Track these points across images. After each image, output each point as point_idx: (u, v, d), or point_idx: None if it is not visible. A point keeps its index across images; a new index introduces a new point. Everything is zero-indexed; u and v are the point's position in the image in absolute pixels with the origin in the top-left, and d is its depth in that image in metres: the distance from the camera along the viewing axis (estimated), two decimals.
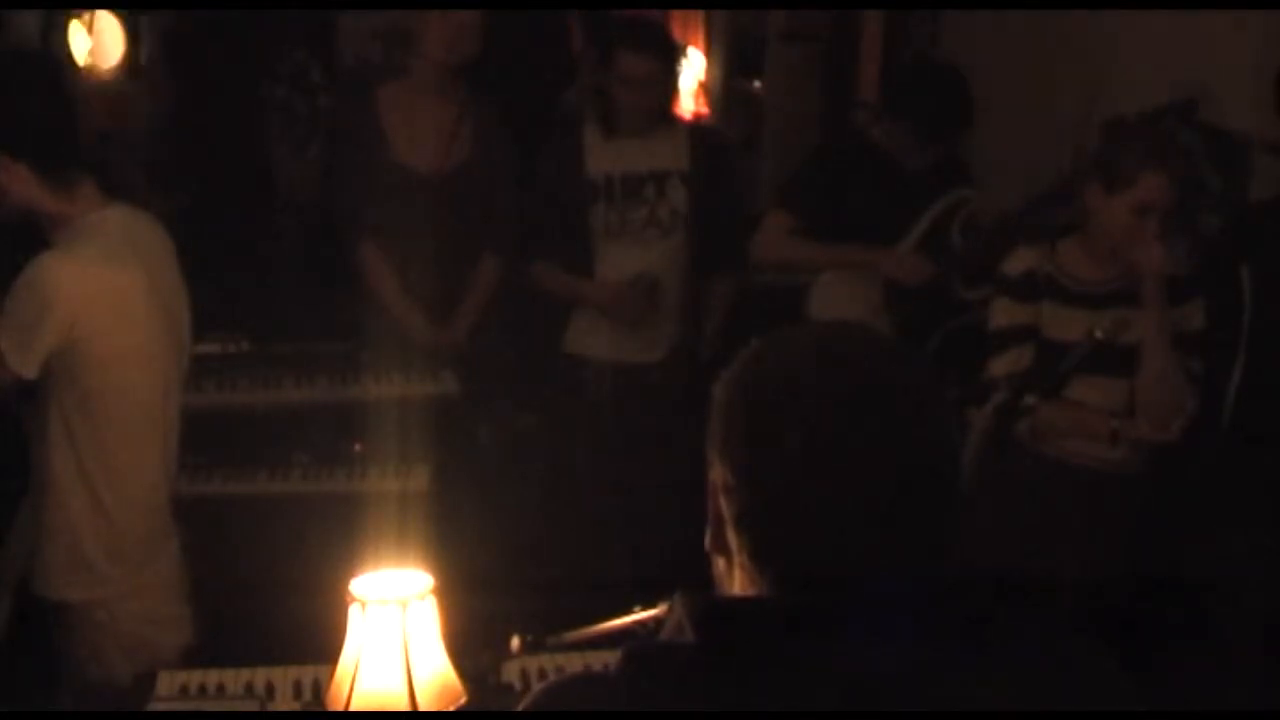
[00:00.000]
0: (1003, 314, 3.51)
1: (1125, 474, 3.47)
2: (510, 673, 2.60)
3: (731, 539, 1.37)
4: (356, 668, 2.17)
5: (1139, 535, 3.52)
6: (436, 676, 2.21)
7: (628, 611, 2.22)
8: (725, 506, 1.37)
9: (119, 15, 5.57)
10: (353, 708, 2.17)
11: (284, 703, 2.64)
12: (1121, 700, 1.41)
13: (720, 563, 1.42)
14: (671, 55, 4.19)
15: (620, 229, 4.13)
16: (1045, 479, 3.50)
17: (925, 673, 1.31)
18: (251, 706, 2.62)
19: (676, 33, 6.25)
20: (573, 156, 4.14)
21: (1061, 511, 3.49)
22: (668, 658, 1.34)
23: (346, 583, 2.21)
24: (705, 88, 6.52)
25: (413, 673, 2.17)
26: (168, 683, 2.71)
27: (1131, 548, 3.50)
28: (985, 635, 1.35)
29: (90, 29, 5.48)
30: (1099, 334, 3.32)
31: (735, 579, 1.39)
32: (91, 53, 5.48)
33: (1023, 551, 3.45)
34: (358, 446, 3.95)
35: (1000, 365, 3.48)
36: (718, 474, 1.38)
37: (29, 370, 2.82)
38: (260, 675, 2.71)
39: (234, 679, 2.71)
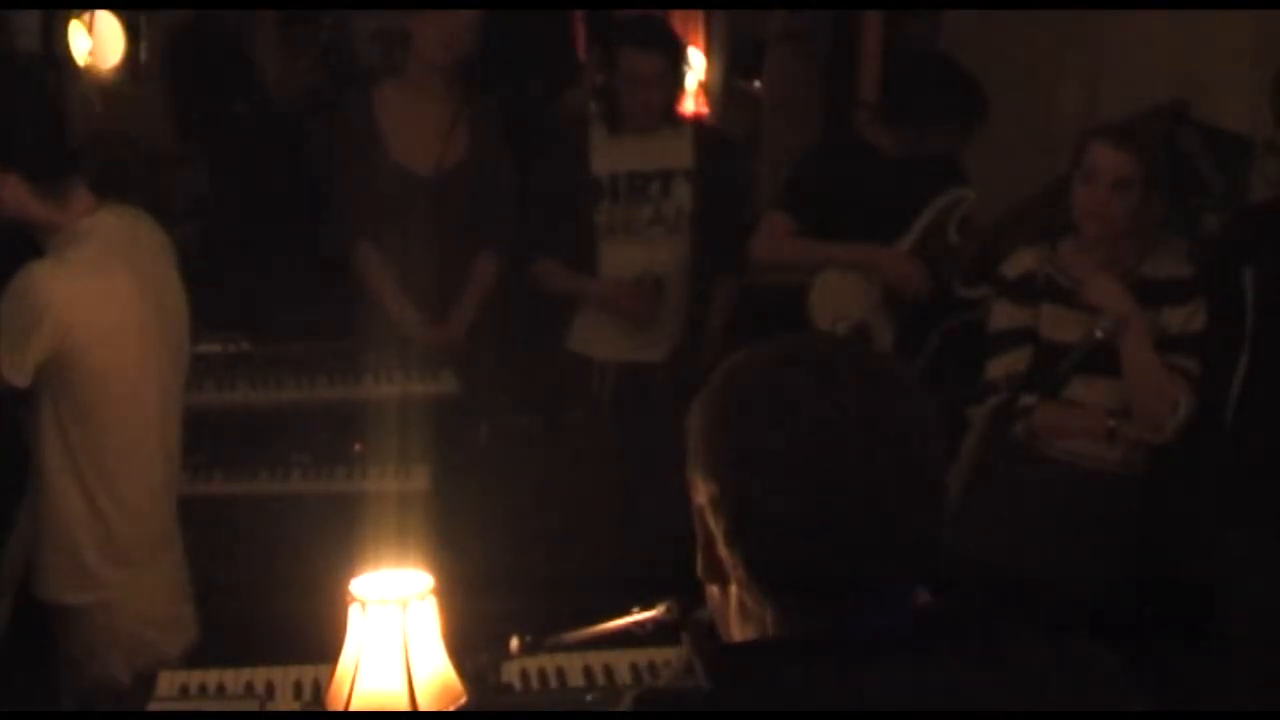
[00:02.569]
0: (1002, 316, 3.52)
1: (1125, 474, 3.47)
2: (510, 673, 2.59)
3: (725, 555, 1.35)
4: (356, 668, 2.17)
5: (1139, 536, 3.51)
6: (436, 676, 2.21)
7: (627, 612, 2.22)
8: (714, 523, 1.35)
9: (119, 15, 5.57)
10: (353, 708, 2.17)
11: (284, 703, 2.63)
12: None
13: (714, 591, 1.41)
14: (677, 52, 4.19)
15: (625, 227, 4.12)
16: (1044, 480, 3.50)
17: (941, 707, 1.30)
18: (251, 706, 2.62)
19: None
20: (578, 155, 4.13)
21: (1060, 512, 3.49)
22: (682, 707, 1.33)
23: (346, 583, 2.21)
24: (705, 88, 6.51)
25: (413, 673, 2.17)
26: (168, 683, 2.71)
27: (1131, 549, 3.50)
28: (997, 661, 1.34)
29: (90, 29, 5.48)
30: (1099, 333, 3.33)
31: (731, 603, 1.38)
32: (91, 53, 5.48)
33: (1022, 552, 3.45)
34: (358, 446, 3.95)
35: (998, 367, 3.49)
36: (703, 493, 1.37)
37: (20, 379, 2.81)
38: (260, 675, 2.71)
39: (234, 679, 2.71)
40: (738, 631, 1.39)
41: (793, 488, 1.30)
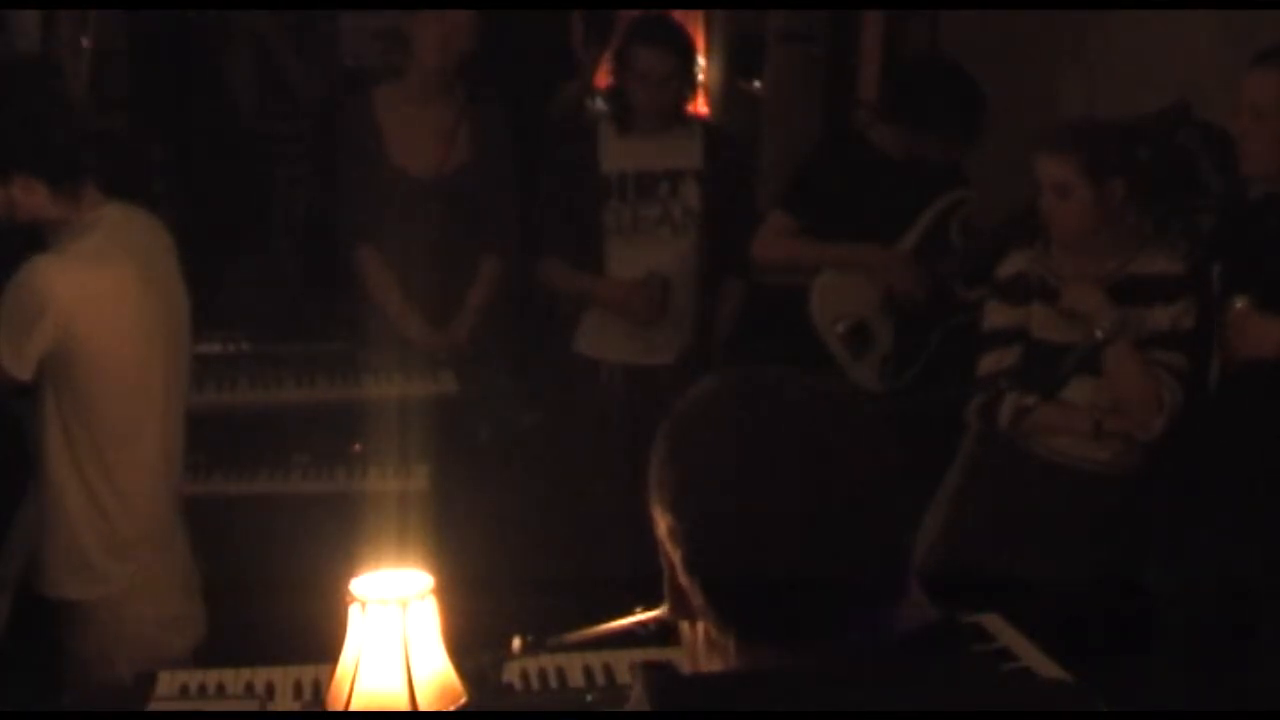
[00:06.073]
0: (994, 315, 3.56)
1: (1116, 474, 3.47)
2: (510, 673, 2.59)
3: (685, 584, 1.35)
4: (356, 668, 2.17)
5: (1130, 536, 3.52)
6: (436, 676, 2.21)
7: (629, 613, 2.22)
8: (672, 553, 1.36)
9: (120, 15, 5.56)
10: (353, 708, 2.16)
11: (284, 703, 2.63)
12: None
13: (684, 627, 1.41)
14: (688, 51, 4.18)
15: (633, 227, 4.12)
16: (1036, 479, 3.51)
17: None
18: (251, 706, 2.62)
19: None
20: (587, 154, 4.13)
21: (1052, 512, 3.50)
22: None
23: (346, 583, 2.21)
24: (705, 88, 6.52)
25: (413, 673, 2.17)
26: (168, 683, 2.70)
27: (1124, 548, 3.51)
28: (946, 699, 1.33)
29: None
30: (1099, 333, 3.34)
31: (699, 637, 1.38)
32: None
33: (1015, 551, 3.46)
34: (358, 446, 3.95)
35: (986, 365, 3.52)
36: (661, 525, 1.38)
37: (23, 372, 2.82)
38: (260, 675, 2.70)
39: (234, 679, 2.71)
40: (705, 665, 1.39)
41: (742, 518, 1.30)
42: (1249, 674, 3.26)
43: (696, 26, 6.61)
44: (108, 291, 2.85)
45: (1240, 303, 3.19)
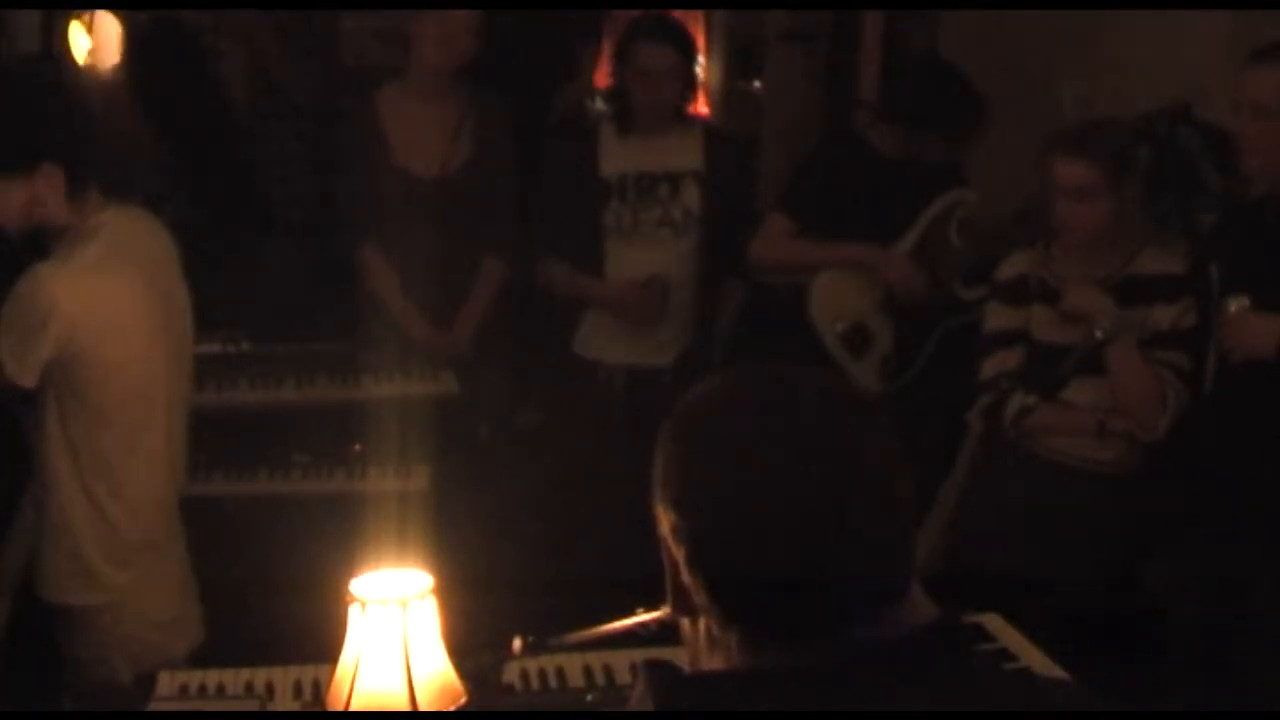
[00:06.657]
0: (994, 317, 3.56)
1: (1119, 475, 3.47)
2: (510, 673, 2.59)
3: (688, 582, 1.36)
4: (356, 668, 2.17)
5: (1130, 536, 3.52)
6: (436, 676, 2.21)
7: (630, 613, 2.21)
8: (675, 550, 1.36)
9: (119, 15, 5.56)
10: (353, 708, 2.16)
11: (284, 703, 2.63)
12: None
13: (685, 624, 1.42)
14: (689, 49, 4.18)
15: (633, 228, 4.12)
16: (1038, 480, 3.51)
17: None
18: (251, 706, 2.62)
19: None
20: (587, 155, 4.13)
21: (1055, 513, 3.50)
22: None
23: (346, 583, 2.21)
24: (705, 88, 6.52)
25: (413, 673, 2.17)
26: (168, 683, 2.70)
27: (1126, 549, 3.51)
28: (959, 690, 1.33)
29: (90, 29, 5.47)
30: (1099, 334, 3.34)
31: (700, 634, 1.38)
32: (91, 53, 5.47)
33: (1017, 553, 3.46)
34: (358, 446, 3.95)
35: (989, 367, 3.52)
36: (664, 522, 1.38)
37: (26, 380, 2.81)
38: (260, 675, 2.70)
39: (234, 679, 2.71)
40: (706, 662, 1.40)
41: (745, 516, 1.30)
42: (1249, 674, 3.26)
43: (696, 26, 6.61)
44: (110, 300, 2.85)
45: (1235, 303, 3.19)
